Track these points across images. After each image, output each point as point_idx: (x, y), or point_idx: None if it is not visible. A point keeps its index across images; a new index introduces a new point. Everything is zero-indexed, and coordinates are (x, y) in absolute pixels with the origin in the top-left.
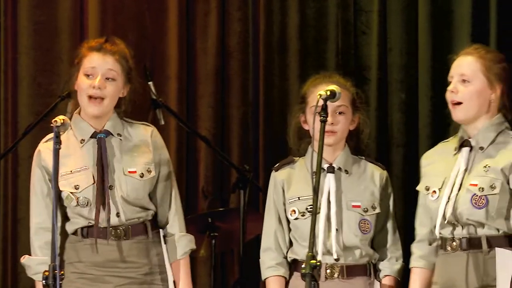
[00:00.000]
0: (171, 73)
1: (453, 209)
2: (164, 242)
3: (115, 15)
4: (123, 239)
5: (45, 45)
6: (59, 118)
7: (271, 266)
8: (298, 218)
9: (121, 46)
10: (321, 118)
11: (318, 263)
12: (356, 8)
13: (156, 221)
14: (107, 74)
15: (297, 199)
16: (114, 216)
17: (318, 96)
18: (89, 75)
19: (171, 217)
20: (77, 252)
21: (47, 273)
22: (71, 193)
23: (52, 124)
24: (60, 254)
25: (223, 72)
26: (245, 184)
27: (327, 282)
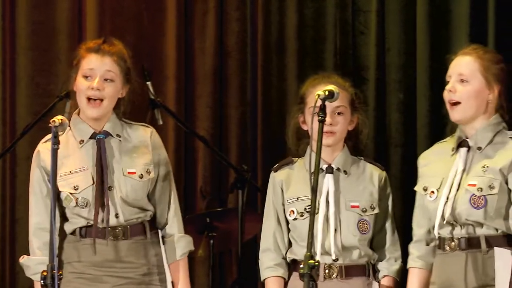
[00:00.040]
0: (169, 73)
1: (452, 209)
2: (163, 243)
3: (113, 15)
4: (122, 239)
5: (43, 45)
6: (57, 118)
7: (269, 267)
8: (296, 219)
9: (119, 46)
10: (319, 118)
11: (317, 263)
12: (354, 8)
13: (155, 221)
14: (106, 75)
15: (296, 199)
16: (113, 217)
17: (316, 96)
18: (87, 77)
19: (170, 218)
20: (76, 252)
21: (45, 273)
22: (70, 193)
23: (50, 124)
24: (59, 254)
25: (221, 72)
26: (243, 184)
27: (326, 282)
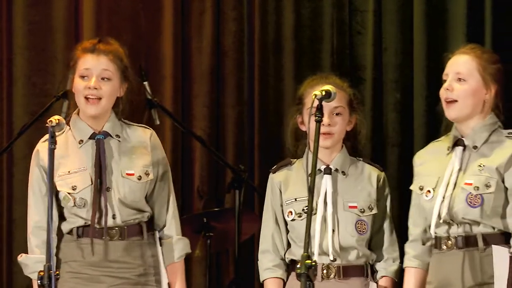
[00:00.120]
0: (166, 72)
1: (448, 208)
2: (160, 244)
3: (110, 15)
4: (119, 239)
5: (40, 45)
6: (54, 118)
7: (268, 268)
8: (295, 219)
9: (115, 45)
10: (316, 118)
11: (314, 263)
12: (351, 8)
13: (152, 222)
14: (102, 74)
15: (294, 200)
16: (110, 218)
17: (313, 96)
18: (84, 77)
19: (168, 219)
20: (72, 252)
21: (42, 273)
22: (68, 193)
23: (47, 124)
24: (56, 253)
25: (218, 71)
26: (240, 184)
27: (324, 282)
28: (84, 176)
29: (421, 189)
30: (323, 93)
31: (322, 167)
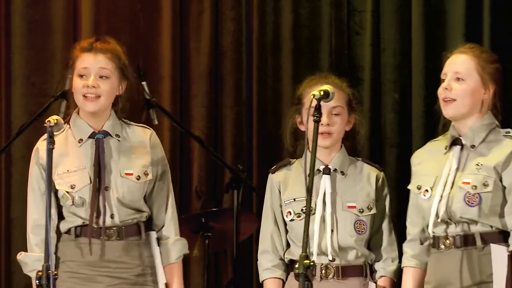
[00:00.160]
0: (165, 73)
1: (446, 207)
2: (158, 245)
3: (109, 15)
4: (116, 239)
5: (38, 44)
6: (53, 118)
7: (267, 268)
8: (293, 220)
9: (113, 44)
10: (315, 118)
11: (312, 263)
12: (349, 8)
13: (150, 223)
14: (100, 72)
15: (293, 200)
16: (108, 218)
17: (312, 96)
18: (82, 76)
19: (167, 220)
20: (70, 251)
21: (40, 273)
22: (67, 192)
23: (45, 124)
24: (55, 252)
25: (216, 71)
26: (239, 184)
27: (322, 282)
28: (83, 175)
29: (419, 188)
30: (322, 93)
31: (321, 167)
